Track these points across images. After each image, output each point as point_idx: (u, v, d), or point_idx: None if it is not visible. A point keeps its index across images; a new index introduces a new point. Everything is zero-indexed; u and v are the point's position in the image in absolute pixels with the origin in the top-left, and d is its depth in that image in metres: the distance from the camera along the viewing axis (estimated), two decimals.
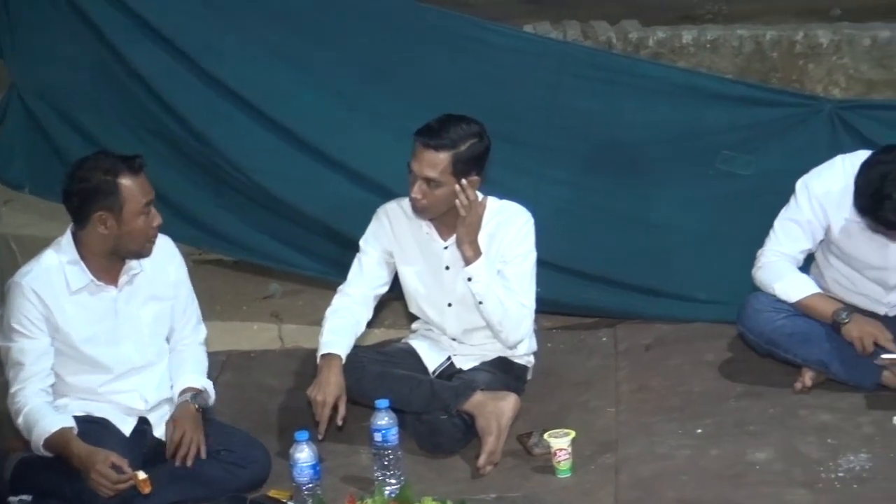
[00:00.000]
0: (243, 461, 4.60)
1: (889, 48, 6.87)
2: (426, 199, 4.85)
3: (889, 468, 4.46)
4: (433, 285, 5.11)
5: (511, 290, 4.98)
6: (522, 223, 5.04)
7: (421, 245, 5.07)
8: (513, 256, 5.02)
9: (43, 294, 4.51)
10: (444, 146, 4.79)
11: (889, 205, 4.67)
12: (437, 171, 4.79)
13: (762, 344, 5.16)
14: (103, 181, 4.45)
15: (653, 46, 6.79)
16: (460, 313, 5.11)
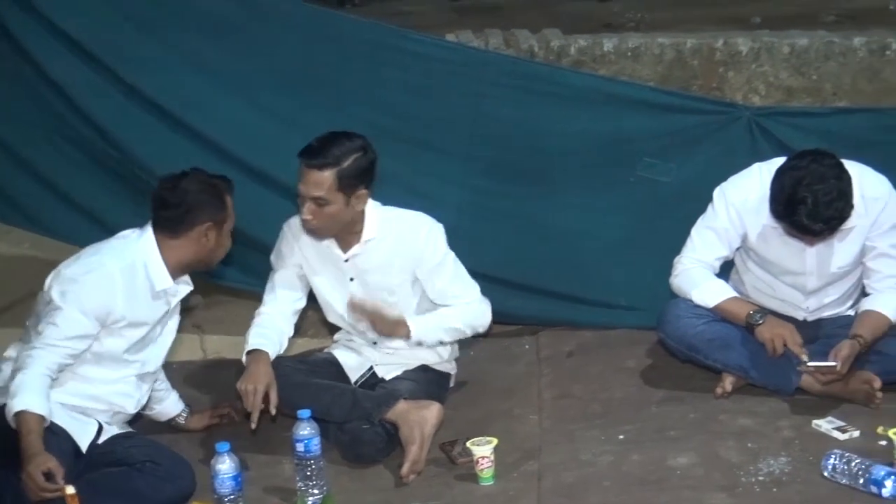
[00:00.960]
0: (168, 475, 4.56)
1: (807, 56, 6.95)
2: (317, 220, 4.83)
3: (808, 471, 4.49)
4: (342, 296, 5.11)
5: (451, 314, 5.09)
6: (425, 234, 5.03)
7: (324, 257, 5.07)
8: (432, 267, 5.04)
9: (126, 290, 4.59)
10: (327, 164, 4.76)
11: (803, 210, 4.71)
12: (323, 190, 4.76)
13: (683, 350, 5.19)
14: (213, 193, 4.68)
15: (574, 54, 6.82)
16: None
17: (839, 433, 4.75)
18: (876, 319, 5.02)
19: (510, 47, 6.87)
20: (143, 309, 4.66)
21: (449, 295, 5.10)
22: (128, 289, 4.58)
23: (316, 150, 4.79)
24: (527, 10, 9.71)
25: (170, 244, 4.65)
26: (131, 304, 4.59)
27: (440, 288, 5.08)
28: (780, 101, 6.91)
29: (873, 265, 5.11)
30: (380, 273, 5.03)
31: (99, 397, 4.68)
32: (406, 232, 5.02)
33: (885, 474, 4.26)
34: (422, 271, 5.04)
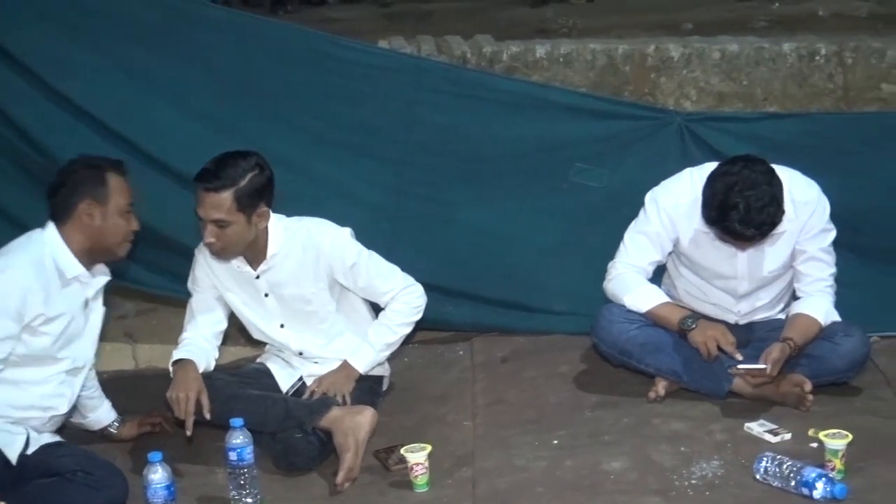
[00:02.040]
0: (100, 484, 4.50)
1: (737, 61, 7.00)
2: (220, 242, 4.81)
3: (740, 474, 4.53)
4: (261, 311, 5.10)
5: (384, 332, 5.12)
6: (330, 241, 5.00)
7: (237, 277, 5.04)
8: (347, 270, 5.02)
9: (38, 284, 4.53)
10: (223, 186, 4.73)
11: (735, 215, 4.75)
12: (222, 212, 4.74)
13: (616, 354, 5.21)
14: (91, 173, 4.63)
15: (507, 60, 6.83)
16: (295, 332, 5.13)
17: (771, 436, 4.79)
18: (806, 323, 5.06)
19: (443, 53, 6.86)
20: (58, 300, 4.59)
21: (375, 291, 5.12)
22: (40, 283, 4.53)
23: (211, 173, 4.76)
24: (459, 16, 9.73)
25: (65, 231, 4.62)
26: (46, 298, 4.53)
27: (363, 286, 5.08)
28: (711, 106, 6.95)
29: (803, 269, 5.16)
30: (293, 285, 5.02)
31: (32, 404, 4.62)
32: (311, 242, 4.99)
33: (817, 476, 4.30)
34: (339, 275, 5.03)
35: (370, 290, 5.12)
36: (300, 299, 5.04)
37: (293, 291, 5.02)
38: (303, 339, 5.13)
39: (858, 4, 10.23)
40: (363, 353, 5.09)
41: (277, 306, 5.06)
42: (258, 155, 4.85)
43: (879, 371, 5.35)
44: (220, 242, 4.80)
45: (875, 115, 6.60)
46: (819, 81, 7.05)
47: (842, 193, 5.33)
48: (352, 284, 5.07)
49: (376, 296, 5.15)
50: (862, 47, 7.11)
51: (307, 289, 5.02)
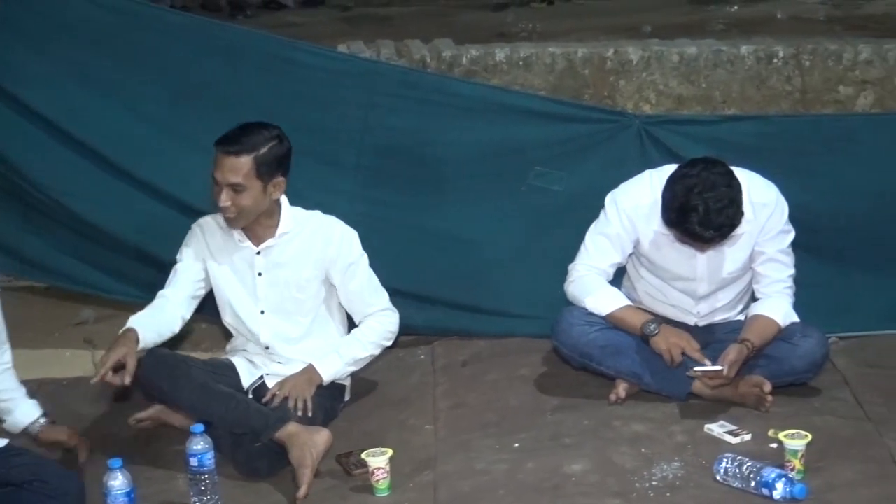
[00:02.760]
0: (55, 492, 4.46)
1: (696, 64, 7.01)
2: (235, 206, 4.83)
3: (700, 476, 4.54)
4: (246, 294, 5.09)
5: (355, 345, 5.13)
6: (340, 233, 5.08)
7: (233, 254, 5.06)
8: (345, 266, 5.07)
9: None
10: (244, 151, 4.79)
11: (695, 217, 4.76)
12: (240, 176, 4.78)
13: (576, 357, 5.22)
14: None
15: (466, 64, 6.83)
16: (273, 321, 5.11)
17: (731, 437, 4.81)
18: (764, 324, 5.09)
19: (402, 57, 6.85)
20: None
21: (360, 300, 5.15)
22: None
23: (232, 138, 4.83)
24: (419, 20, 9.73)
25: None
26: None
27: (353, 290, 5.10)
28: (670, 109, 6.96)
29: (762, 270, 5.19)
30: (292, 268, 5.04)
31: None
32: (321, 229, 5.07)
33: (776, 476, 4.32)
34: (336, 270, 5.06)
35: (356, 298, 5.14)
36: (294, 284, 5.06)
37: (290, 275, 5.05)
38: (276, 331, 5.11)
39: (816, 7, 10.28)
40: (330, 361, 5.08)
41: (267, 289, 5.06)
42: (279, 127, 4.92)
43: (838, 371, 5.39)
44: (234, 207, 4.83)
45: (832, 116, 6.63)
46: (777, 84, 7.07)
47: (800, 195, 5.37)
48: (342, 286, 5.10)
49: (359, 306, 5.17)
50: (819, 50, 7.14)
51: (304, 274, 5.05)
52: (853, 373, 5.39)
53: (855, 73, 7.07)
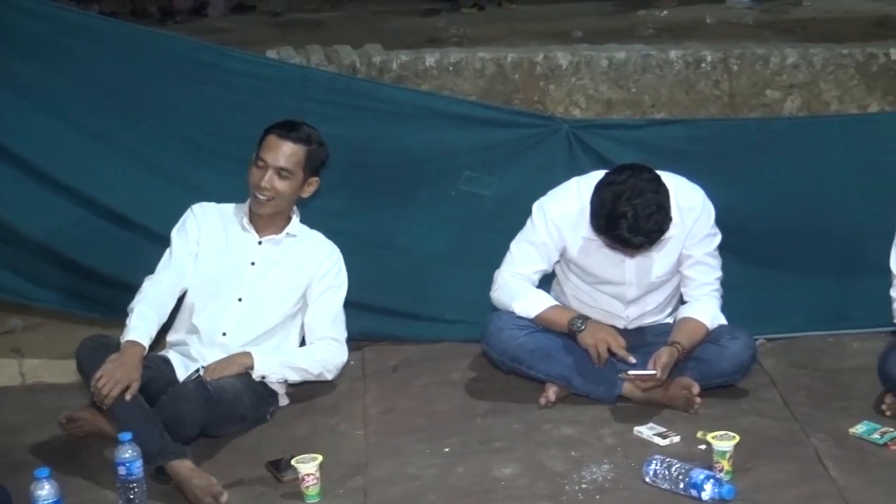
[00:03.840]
0: None
1: (625, 69, 7.06)
2: (273, 191, 5.01)
3: (630, 478, 4.57)
4: (229, 279, 5.14)
5: (300, 353, 5.20)
6: (338, 254, 5.31)
7: (232, 238, 5.16)
8: (325, 289, 5.20)
9: None
10: (301, 140, 5.04)
11: (624, 224, 4.79)
12: (292, 162, 5.01)
13: (506, 361, 5.23)
14: None
15: (396, 70, 6.83)
16: (245, 311, 5.14)
17: (660, 439, 4.84)
18: (693, 326, 5.14)
19: (332, 63, 6.84)
20: None
21: (322, 324, 5.23)
22: None
23: (291, 126, 5.07)
24: (350, 25, 9.72)
25: None
26: None
27: (321, 311, 5.24)
28: (600, 113, 6.99)
29: (690, 273, 5.23)
30: (285, 268, 5.17)
31: None
32: (322, 247, 5.29)
33: (705, 478, 4.35)
34: (317, 286, 5.21)
35: (320, 318, 5.23)
36: (280, 284, 5.18)
37: (281, 274, 5.17)
38: (242, 321, 5.13)
39: (745, 12, 10.37)
40: (269, 356, 5.09)
41: (253, 279, 5.16)
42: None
43: (766, 373, 5.45)
44: (272, 191, 5.02)
45: (758, 120, 6.70)
46: (705, 88, 7.13)
47: (727, 198, 5.42)
48: (314, 302, 5.22)
49: (319, 326, 5.24)
50: (747, 54, 7.20)
51: (294, 279, 5.18)
52: (781, 374, 5.46)
53: (782, 77, 7.14)
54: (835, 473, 4.57)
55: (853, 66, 7.13)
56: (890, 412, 4.98)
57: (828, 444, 4.79)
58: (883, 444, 4.76)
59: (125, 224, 5.35)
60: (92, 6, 10.38)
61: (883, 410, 5.00)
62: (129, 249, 5.53)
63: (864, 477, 4.54)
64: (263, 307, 5.16)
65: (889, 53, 7.15)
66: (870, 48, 7.23)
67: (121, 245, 5.57)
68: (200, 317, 5.16)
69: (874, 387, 5.15)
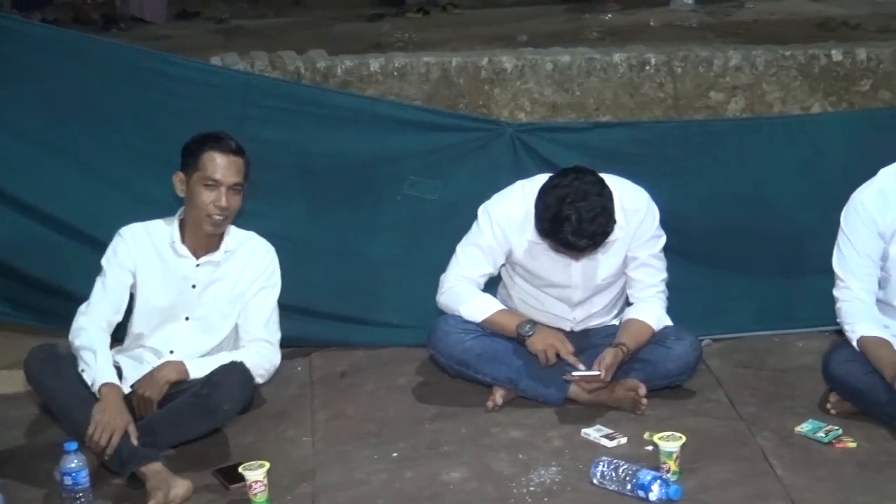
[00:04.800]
0: None
1: (569, 72, 7.09)
2: (230, 209, 4.93)
3: (578, 480, 4.58)
4: (175, 303, 5.06)
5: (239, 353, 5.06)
6: (273, 256, 5.19)
7: (167, 263, 5.03)
8: (259, 290, 5.12)
9: None
10: (240, 151, 4.95)
11: (568, 227, 4.80)
12: (241, 176, 4.94)
13: (453, 365, 5.24)
14: None
15: (341, 75, 6.83)
16: (193, 330, 5.08)
17: (607, 440, 4.85)
18: (638, 328, 5.15)
19: (276, 69, 6.83)
20: None
21: (256, 324, 5.13)
22: None
23: (226, 139, 4.95)
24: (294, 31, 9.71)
25: None
26: None
27: (255, 311, 5.12)
28: (545, 116, 7.02)
29: (635, 275, 5.25)
30: (227, 283, 5.08)
31: None
32: (258, 250, 5.17)
33: (652, 478, 4.37)
34: (252, 288, 5.11)
35: (253, 319, 5.13)
36: (225, 299, 5.08)
37: (224, 289, 5.08)
38: (190, 340, 5.07)
39: (689, 15, 10.44)
40: (201, 361, 5.00)
41: (198, 300, 5.06)
42: None
43: (712, 373, 5.48)
44: (230, 210, 4.93)
45: (701, 122, 6.73)
46: (650, 91, 7.17)
47: (671, 200, 5.46)
48: (246, 301, 5.11)
49: (253, 327, 5.13)
50: (690, 57, 7.25)
51: (237, 290, 5.09)
52: (726, 374, 5.49)
53: (725, 79, 7.19)
54: (780, 472, 4.60)
55: (795, 67, 7.19)
56: (835, 411, 5.02)
57: (773, 444, 4.82)
58: (828, 443, 4.79)
59: (68, 232, 5.31)
60: (34, 14, 10.32)
61: (828, 409, 5.04)
62: (74, 258, 5.48)
63: (810, 475, 4.57)
64: (211, 324, 5.11)
65: (830, 55, 7.21)
66: (811, 49, 7.30)
67: (65, 254, 5.52)
68: (149, 341, 5.11)
69: (819, 386, 5.19)
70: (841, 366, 4.98)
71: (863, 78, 7.19)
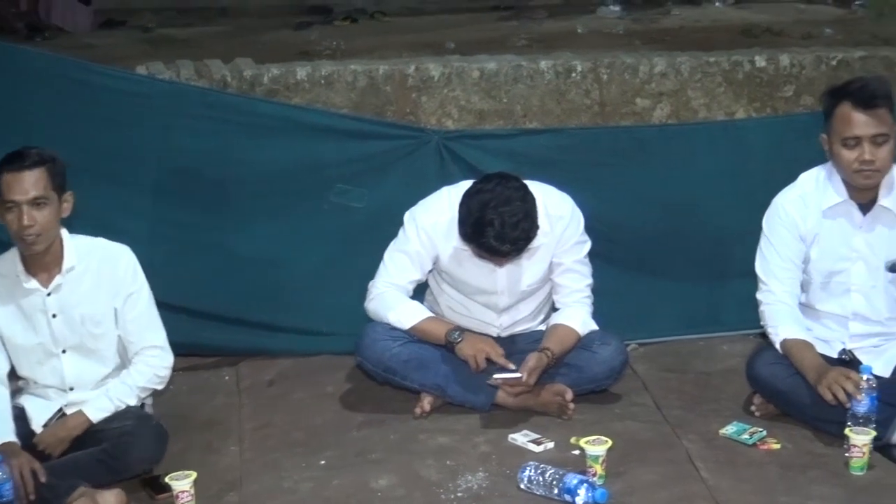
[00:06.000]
0: None
1: (496, 79, 7.08)
2: (38, 225, 4.64)
3: (505, 485, 4.60)
4: (41, 338, 4.87)
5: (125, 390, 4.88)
6: (126, 260, 4.89)
7: (20, 299, 4.83)
8: (127, 296, 4.88)
9: None
10: (36, 163, 4.64)
11: (491, 231, 4.83)
12: (41, 188, 4.62)
13: (380, 372, 5.24)
14: None
15: (268, 83, 6.79)
16: (76, 360, 4.91)
17: (534, 445, 4.89)
18: (564, 333, 5.19)
19: (202, 78, 6.79)
20: None
21: (137, 333, 4.92)
22: None
23: (17, 156, 4.67)
24: (222, 40, 9.65)
25: None
26: None
27: (132, 320, 4.89)
28: (472, 124, 7.01)
29: (561, 281, 5.28)
30: (86, 303, 4.84)
31: None
32: (109, 258, 4.88)
33: (578, 482, 4.40)
34: (119, 300, 4.87)
35: (133, 329, 4.92)
36: (90, 320, 4.86)
37: (86, 311, 4.85)
38: (80, 371, 4.90)
39: (616, 21, 10.48)
40: (101, 404, 4.85)
41: (65, 329, 4.85)
42: None
43: (638, 377, 5.53)
44: (38, 225, 4.64)
45: (626, 128, 6.76)
46: (576, 97, 7.18)
47: (597, 205, 5.52)
48: (121, 315, 4.90)
49: (135, 337, 4.93)
50: (616, 63, 7.27)
51: (100, 307, 4.86)
52: (652, 378, 5.55)
53: (651, 85, 7.22)
54: (705, 474, 4.65)
55: (720, 73, 7.23)
56: (759, 413, 5.09)
57: (699, 446, 4.88)
58: (752, 444, 4.86)
59: None
60: None
61: (752, 411, 5.11)
62: None
63: (734, 476, 4.63)
64: (90, 350, 4.92)
65: (754, 61, 7.26)
66: (735, 56, 7.34)
67: None
68: (39, 385, 4.96)
69: (743, 388, 5.25)
70: (765, 368, 5.04)
71: (786, 84, 7.25)
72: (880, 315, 5.05)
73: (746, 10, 10.92)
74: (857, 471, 4.60)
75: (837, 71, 7.19)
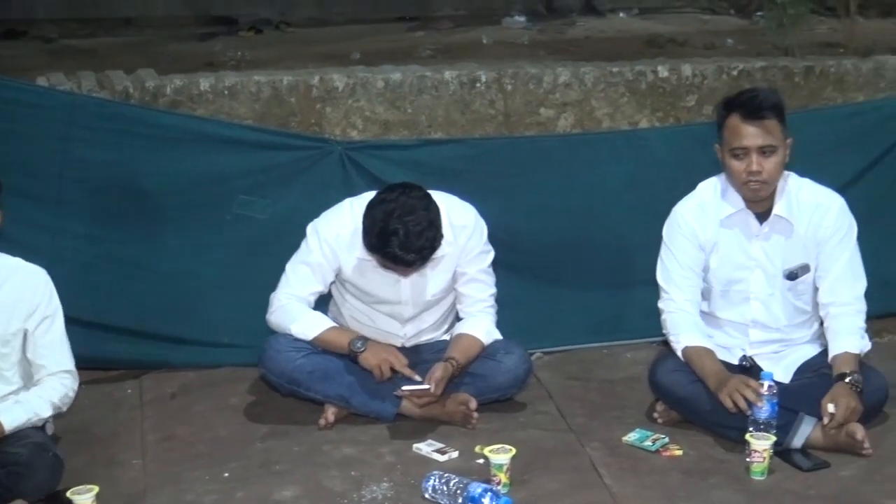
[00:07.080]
0: None
1: (401, 90, 7.09)
2: None
3: (410, 495, 4.61)
4: None
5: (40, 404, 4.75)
6: (45, 281, 4.80)
7: None
8: (41, 319, 4.79)
9: None
10: None
11: (395, 241, 4.84)
12: None
13: (284, 384, 5.22)
14: None
15: (171, 94, 6.74)
16: None
17: (439, 455, 4.89)
18: (468, 342, 5.21)
19: (104, 89, 6.73)
20: None
21: (50, 356, 4.82)
22: None
23: None
24: (125, 51, 9.59)
25: None
26: None
27: (45, 344, 4.80)
28: (377, 134, 7.01)
29: (465, 290, 5.30)
30: (1, 327, 4.73)
31: None
32: (28, 279, 4.79)
33: (483, 491, 4.40)
34: (32, 322, 4.77)
35: (46, 353, 4.81)
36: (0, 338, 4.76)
37: None
38: None
39: (521, 32, 10.55)
40: (15, 413, 4.71)
41: None
42: None
43: (542, 386, 5.56)
44: None
45: (529, 138, 6.80)
46: (481, 108, 7.21)
47: (500, 215, 5.55)
48: (34, 338, 4.79)
49: (47, 361, 4.81)
50: (520, 74, 7.30)
51: (11, 328, 4.75)
52: (557, 386, 5.58)
53: (555, 95, 7.26)
54: (609, 481, 4.68)
55: (623, 83, 7.29)
56: (661, 419, 5.13)
57: (602, 453, 4.91)
58: (655, 451, 4.90)
59: None
60: None
61: (654, 418, 5.16)
62: None
63: (637, 483, 4.67)
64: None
65: (657, 71, 7.33)
66: (638, 66, 7.41)
67: None
68: None
69: (646, 395, 5.31)
70: (666, 376, 5.09)
71: (688, 94, 7.32)
72: (779, 322, 5.12)
73: (651, 21, 11.05)
74: (758, 475, 4.65)
75: (738, 81, 7.27)
